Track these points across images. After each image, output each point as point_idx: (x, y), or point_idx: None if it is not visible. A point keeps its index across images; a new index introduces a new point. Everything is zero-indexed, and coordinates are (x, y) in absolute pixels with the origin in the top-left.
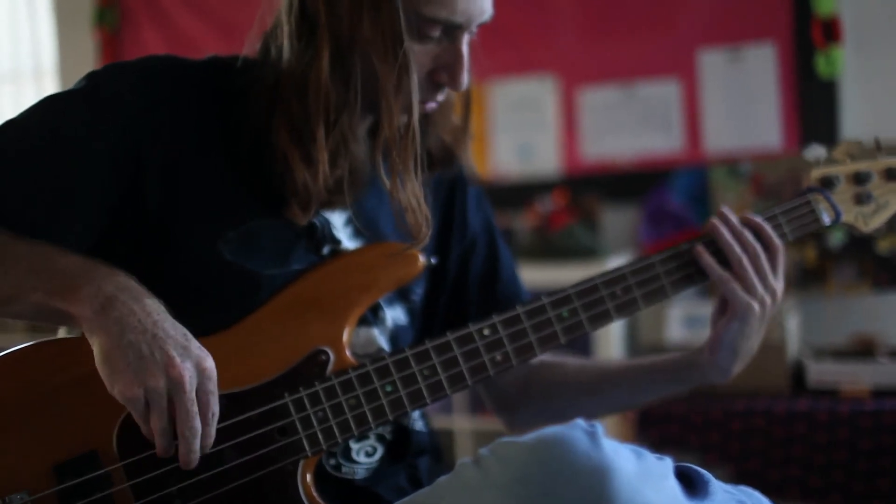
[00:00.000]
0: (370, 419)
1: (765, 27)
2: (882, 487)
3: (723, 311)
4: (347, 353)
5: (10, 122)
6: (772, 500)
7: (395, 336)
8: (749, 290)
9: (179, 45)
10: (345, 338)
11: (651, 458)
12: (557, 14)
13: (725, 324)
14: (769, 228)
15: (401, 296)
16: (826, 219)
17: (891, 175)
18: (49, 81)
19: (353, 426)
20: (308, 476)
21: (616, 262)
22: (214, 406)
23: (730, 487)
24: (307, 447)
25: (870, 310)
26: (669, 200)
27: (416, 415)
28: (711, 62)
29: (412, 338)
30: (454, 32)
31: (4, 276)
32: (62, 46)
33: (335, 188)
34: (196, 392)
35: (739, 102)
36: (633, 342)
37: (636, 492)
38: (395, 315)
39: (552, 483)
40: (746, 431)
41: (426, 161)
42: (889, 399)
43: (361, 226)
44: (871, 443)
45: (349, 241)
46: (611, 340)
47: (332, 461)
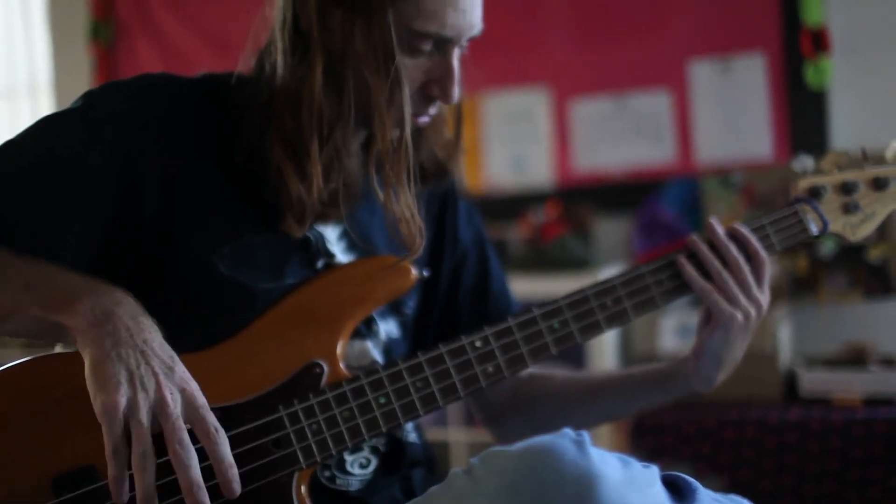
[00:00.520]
0: (364, 431)
1: (754, 38)
2: (874, 496)
3: (708, 321)
4: (341, 366)
5: (9, 143)
6: None
7: (389, 349)
8: (731, 301)
9: (173, 60)
10: (339, 350)
11: (637, 466)
12: (549, 25)
13: (709, 333)
14: (754, 240)
15: (393, 309)
16: (814, 229)
17: (878, 185)
18: (44, 97)
19: (347, 438)
20: (303, 488)
21: (609, 273)
22: (211, 418)
23: (718, 496)
24: (302, 459)
25: (861, 318)
26: (662, 211)
27: (410, 427)
28: (702, 73)
29: (405, 350)
30: (445, 46)
31: (2, 292)
32: (57, 62)
33: (329, 201)
34: (187, 414)
35: (730, 113)
36: (627, 352)
37: (622, 499)
38: (388, 328)
39: (541, 491)
40: (739, 441)
41: (419, 175)
42: (881, 407)
43: (356, 238)
44: (864, 451)
45: (343, 255)
46: (604, 350)
47: (327, 473)
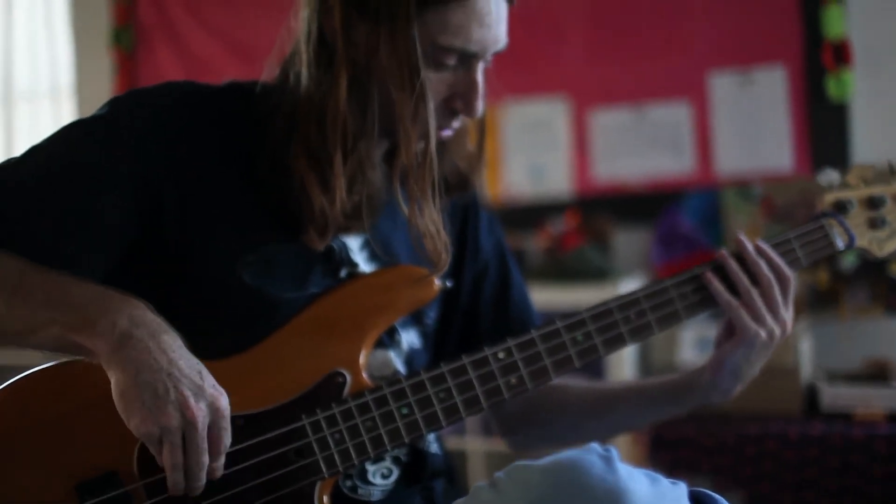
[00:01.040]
0: (386, 441)
1: (775, 50)
2: None
3: (729, 334)
4: (364, 376)
5: (33, 149)
6: None
7: (410, 359)
8: (757, 319)
9: (194, 65)
10: (361, 360)
11: (665, 483)
12: (569, 36)
13: (731, 348)
14: (780, 260)
15: (415, 319)
16: (840, 243)
17: None
18: (66, 101)
19: (370, 448)
20: (325, 498)
21: (628, 284)
22: (227, 439)
23: None
24: (324, 469)
25: (883, 333)
26: (681, 222)
27: (432, 437)
28: (722, 84)
29: (426, 361)
30: (470, 61)
31: (21, 308)
32: (79, 66)
33: (352, 213)
34: (209, 429)
35: (750, 125)
36: (646, 364)
37: None
38: (410, 338)
39: None
40: (759, 455)
41: (442, 187)
42: None
43: (378, 249)
44: (885, 467)
45: (366, 265)
46: (623, 362)
47: (349, 483)
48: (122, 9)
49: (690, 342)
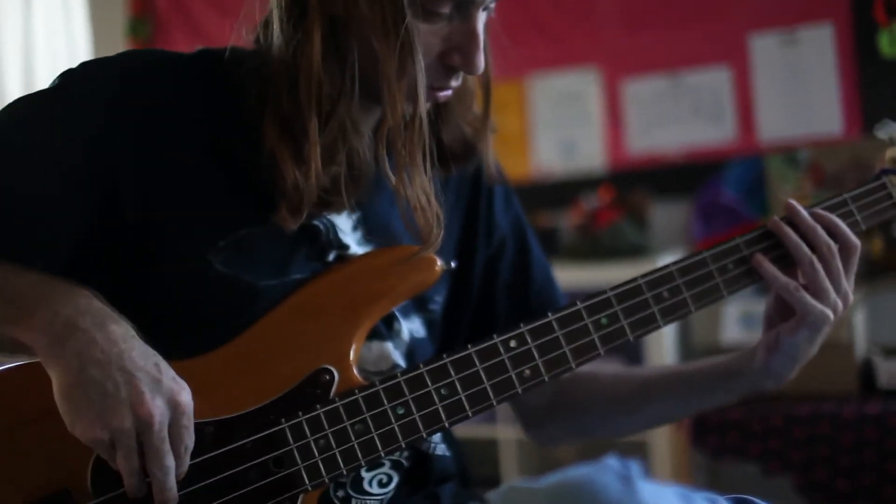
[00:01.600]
0: (380, 446)
1: (821, 7)
2: None
3: (780, 313)
4: (354, 372)
5: None
6: None
7: (412, 350)
8: (820, 297)
9: None
10: (352, 354)
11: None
12: (598, 3)
13: (791, 330)
14: (843, 225)
15: (418, 305)
16: None
17: None
18: None
19: (360, 455)
20: None
21: (667, 261)
22: (188, 440)
23: None
24: (307, 480)
25: None
26: (723, 193)
27: (438, 437)
28: (764, 46)
29: (432, 352)
30: (467, 9)
31: None
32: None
33: (332, 188)
34: (168, 427)
35: (795, 88)
36: (687, 345)
37: None
38: (413, 327)
39: None
40: (811, 438)
41: (444, 157)
42: None
43: (371, 229)
44: None
45: (358, 247)
46: (663, 343)
47: (341, 493)
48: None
49: (734, 319)
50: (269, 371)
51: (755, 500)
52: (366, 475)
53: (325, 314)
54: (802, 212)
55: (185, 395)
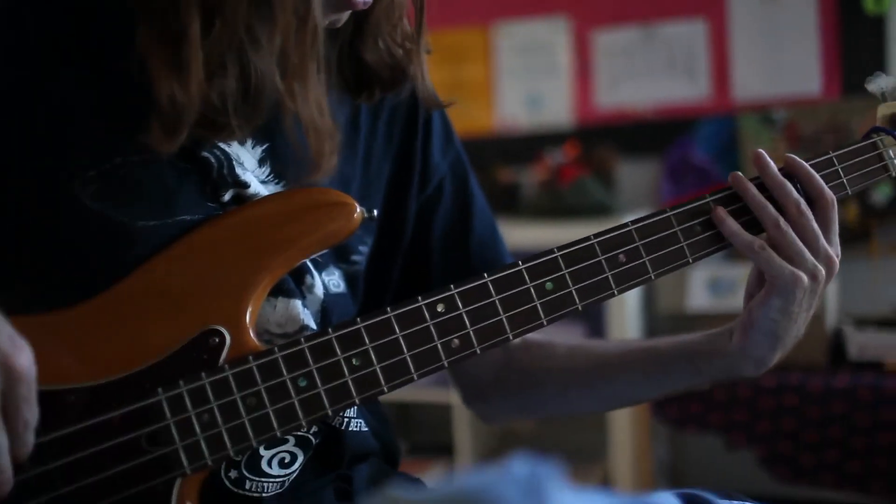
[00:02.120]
0: (275, 424)
1: None
2: None
3: (760, 283)
4: (251, 335)
5: None
6: (805, 487)
7: (329, 310)
8: (792, 258)
9: None
10: (248, 314)
11: None
12: None
13: (762, 301)
14: (818, 177)
15: (338, 256)
16: None
17: None
18: None
19: (252, 434)
20: (188, 503)
21: None
22: (27, 413)
23: None
24: (185, 462)
25: None
26: (693, 153)
27: (353, 411)
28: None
29: (353, 312)
30: None
31: None
32: None
33: (222, 107)
34: (2, 398)
35: (773, 44)
36: (651, 312)
37: None
38: (332, 282)
39: None
40: (777, 410)
41: (369, 81)
42: None
43: (282, 167)
44: None
45: (262, 186)
46: (624, 310)
47: (234, 474)
48: None
49: (702, 284)
50: (147, 330)
51: (706, 495)
52: (264, 453)
53: (218, 265)
54: (770, 165)
55: (23, 359)
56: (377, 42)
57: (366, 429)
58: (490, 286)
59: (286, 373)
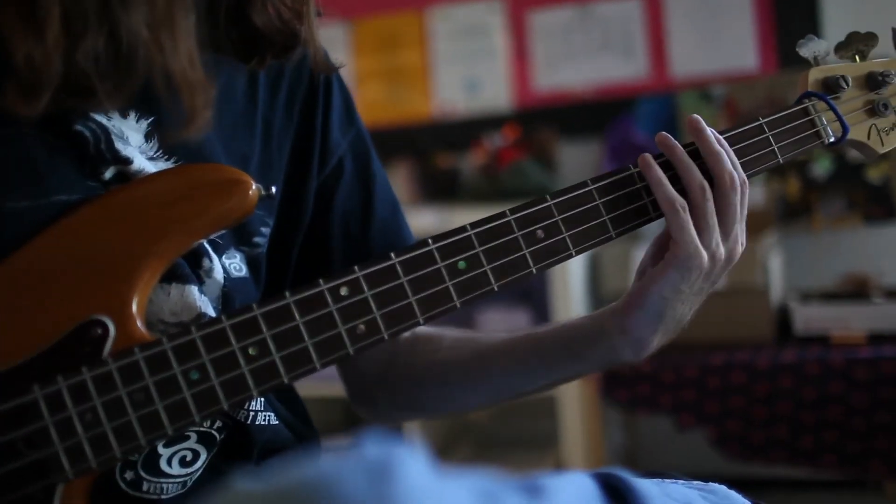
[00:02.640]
0: (165, 422)
1: None
2: (880, 446)
3: (655, 262)
4: (138, 325)
5: None
6: (757, 465)
7: (230, 296)
8: (703, 231)
9: None
10: (135, 303)
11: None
12: None
13: (658, 274)
14: (727, 160)
15: (239, 238)
16: (829, 134)
17: None
18: None
19: (140, 432)
20: None
21: None
22: None
23: (683, 488)
24: (67, 465)
25: (862, 246)
26: (634, 132)
27: (260, 403)
28: None
29: (256, 298)
30: None
31: None
32: None
33: (89, 68)
34: None
35: (709, 20)
36: (597, 292)
37: None
38: (231, 267)
39: None
40: (725, 388)
41: (260, 45)
42: (887, 345)
43: (169, 140)
44: (868, 396)
45: (148, 163)
46: (569, 291)
47: (129, 475)
48: None
49: None
50: (22, 322)
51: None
52: (163, 452)
53: (100, 249)
54: (677, 146)
55: None
56: (265, 4)
57: (276, 421)
58: (398, 267)
59: (176, 365)
